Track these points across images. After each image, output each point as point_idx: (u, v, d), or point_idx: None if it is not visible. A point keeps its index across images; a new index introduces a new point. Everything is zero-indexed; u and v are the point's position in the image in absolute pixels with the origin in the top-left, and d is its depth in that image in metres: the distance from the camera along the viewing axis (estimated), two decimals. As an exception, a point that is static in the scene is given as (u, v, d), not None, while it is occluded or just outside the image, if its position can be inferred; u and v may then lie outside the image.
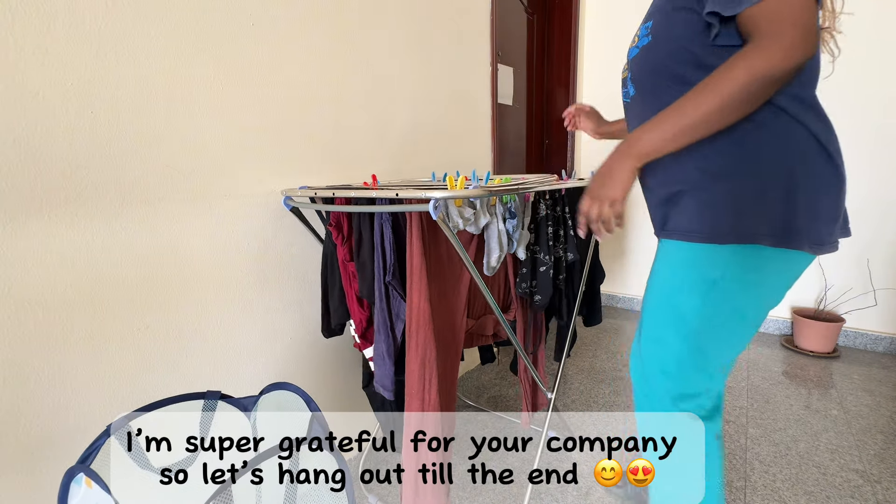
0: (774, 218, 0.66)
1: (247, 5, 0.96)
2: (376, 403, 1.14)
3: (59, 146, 0.72)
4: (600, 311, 1.40)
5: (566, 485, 1.26)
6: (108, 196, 0.78)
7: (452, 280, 0.99)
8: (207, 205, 0.93)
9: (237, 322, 1.01)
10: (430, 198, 0.71)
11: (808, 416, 1.57)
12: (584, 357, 2.10)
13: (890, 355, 2.05)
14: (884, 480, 1.24)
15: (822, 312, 2.11)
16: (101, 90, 0.76)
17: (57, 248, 0.73)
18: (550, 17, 2.54)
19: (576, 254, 1.18)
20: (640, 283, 2.74)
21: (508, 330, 0.98)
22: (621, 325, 2.52)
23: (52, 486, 0.76)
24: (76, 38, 0.73)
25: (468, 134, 1.75)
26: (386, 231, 0.88)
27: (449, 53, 1.59)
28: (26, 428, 0.72)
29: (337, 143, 1.19)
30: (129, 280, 0.82)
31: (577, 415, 1.61)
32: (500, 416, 1.61)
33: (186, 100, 0.87)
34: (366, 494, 1.23)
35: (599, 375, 1.91)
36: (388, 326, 0.93)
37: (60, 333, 0.75)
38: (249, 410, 0.76)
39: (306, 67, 1.09)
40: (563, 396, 1.73)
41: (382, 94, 1.32)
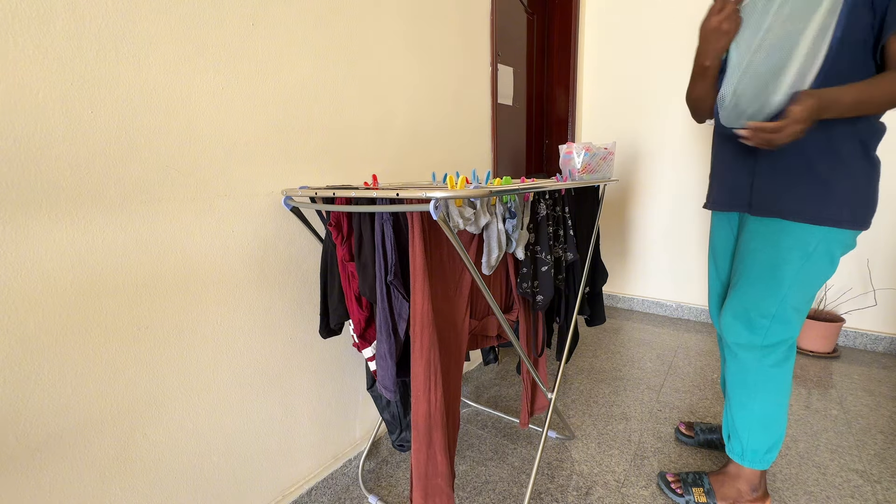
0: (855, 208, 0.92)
1: (247, 5, 0.96)
2: (382, 404, 1.14)
3: (59, 146, 0.72)
4: (603, 312, 1.40)
5: (566, 485, 1.26)
6: (108, 196, 0.78)
7: (454, 281, 0.99)
8: (207, 205, 0.93)
9: (237, 322, 1.01)
10: (431, 198, 0.71)
11: (808, 415, 1.57)
12: (585, 357, 2.10)
13: (890, 355, 2.05)
14: (884, 480, 1.24)
15: (822, 312, 2.11)
16: (101, 90, 0.76)
17: (57, 248, 0.73)
18: (550, 17, 2.54)
19: (575, 254, 1.18)
20: (640, 283, 2.75)
21: (509, 330, 0.98)
22: (621, 325, 2.52)
23: (52, 485, 0.76)
24: (76, 38, 0.72)
25: (468, 134, 1.75)
26: (387, 231, 0.88)
27: (449, 53, 1.59)
28: (26, 428, 0.72)
29: (337, 144, 1.19)
30: (130, 280, 0.82)
31: (578, 415, 1.61)
32: (500, 416, 1.61)
33: (186, 100, 0.87)
34: (366, 494, 1.23)
35: (599, 375, 1.91)
36: (389, 326, 0.92)
37: (60, 333, 0.75)
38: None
39: (306, 67, 1.09)
40: (563, 396, 1.74)
41: (382, 94, 1.32)
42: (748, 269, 1.03)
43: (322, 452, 1.27)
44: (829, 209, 0.91)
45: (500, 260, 1.03)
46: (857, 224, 0.91)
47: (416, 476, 0.91)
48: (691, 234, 2.50)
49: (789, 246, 0.96)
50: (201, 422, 0.97)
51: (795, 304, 0.99)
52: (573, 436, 1.48)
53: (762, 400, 1.06)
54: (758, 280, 1.01)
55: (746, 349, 1.06)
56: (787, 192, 0.95)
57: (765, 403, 1.06)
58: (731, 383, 1.12)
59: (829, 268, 0.96)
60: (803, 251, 0.95)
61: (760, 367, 1.05)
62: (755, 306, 1.02)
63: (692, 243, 2.51)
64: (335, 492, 1.25)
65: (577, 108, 2.61)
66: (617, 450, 1.40)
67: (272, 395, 1.11)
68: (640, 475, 1.29)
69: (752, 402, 1.08)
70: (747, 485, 1.12)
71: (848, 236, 0.93)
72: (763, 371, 1.05)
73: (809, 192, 0.92)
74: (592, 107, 2.69)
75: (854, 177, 0.90)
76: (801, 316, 1.01)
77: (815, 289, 0.99)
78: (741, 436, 1.10)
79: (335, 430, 1.31)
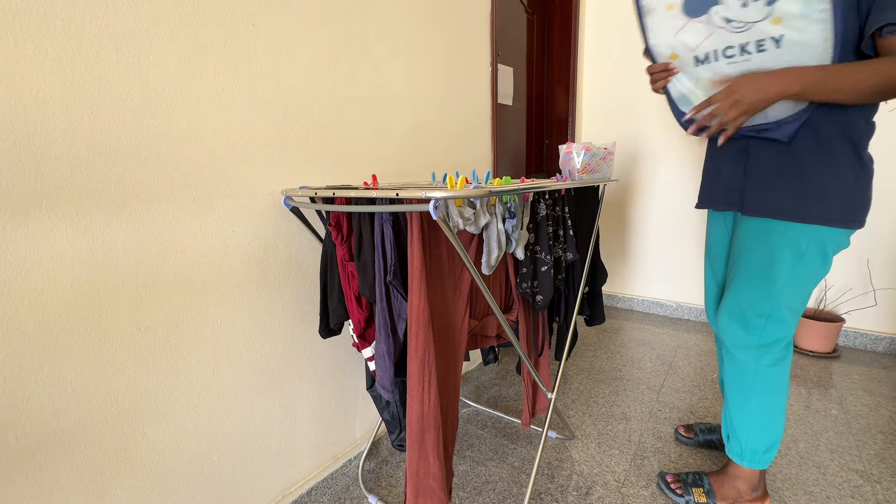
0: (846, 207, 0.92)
1: (247, 6, 0.96)
2: (381, 404, 1.14)
3: (59, 146, 0.72)
4: (603, 312, 1.40)
5: (566, 485, 1.26)
6: (108, 196, 0.78)
7: (453, 281, 0.99)
8: (207, 205, 0.93)
9: (237, 322, 1.01)
10: (431, 198, 0.71)
11: (807, 415, 1.57)
12: (585, 357, 2.10)
13: (890, 355, 2.05)
14: (884, 480, 1.24)
15: (822, 312, 2.11)
16: (101, 90, 0.76)
17: (57, 249, 0.73)
18: (550, 17, 2.54)
19: (575, 254, 1.18)
20: (640, 283, 2.75)
21: (509, 330, 0.98)
22: (621, 325, 2.52)
23: (52, 485, 0.76)
24: (76, 38, 0.73)
25: (468, 134, 1.75)
26: (387, 231, 0.88)
27: (449, 53, 1.59)
28: (26, 428, 0.72)
29: (337, 143, 1.19)
30: (129, 280, 0.82)
31: (578, 415, 1.61)
32: (500, 416, 1.61)
33: (187, 100, 0.87)
34: (366, 494, 1.23)
35: (599, 375, 1.91)
36: (388, 326, 0.92)
37: (60, 333, 0.75)
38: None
39: (306, 67, 1.09)
40: (563, 396, 1.74)
41: (382, 93, 1.32)
42: (742, 268, 1.04)
43: (322, 452, 1.27)
44: (820, 208, 0.91)
45: (500, 260, 1.03)
46: (848, 223, 0.91)
47: (409, 475, 0.92)
48: (691, 234, 2.50)
49: (781, 245, 0.96)
50: (201, 422, 0.97)
51: (790, 304, 0.99)
52: (573, 436, 1.48)
53: (760, 399, 1.06)
54: (752, 280, 1.01)
55: (743, 349, 1.06)
56: (778, 192, 0.95)
57: (762, 403, 1.06)
58: (728, 383, 1.12)
59: (823, 267, 0.96)
60: (795, 250, 0.95)
61: (758, 366, 1.05)
62: (750, 306, 1.02)
63: (692, 243, 2.51)
64: (335, 492, 1.25)
65: (577, 108, 2.61)
66: (617, 450, 1.40)
67: (272, 395, 1.11)
68: (640, 475, 1.29)
69: (749, 402, 1.08)
70: (747, 485, 1.12)
71: (840, 235, 0.93)
72: (760, 371, 1.05)
73: (799, 191, 0.92)
74: (592, 107, 2.69)
75: (844, 175, 0.90)
76: (797, 315, 1.01)
77: (810, 288, 0.99)
78: (740, 435, 1.10)
79: (335, 430, 1.31)
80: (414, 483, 0.91)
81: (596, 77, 2.65)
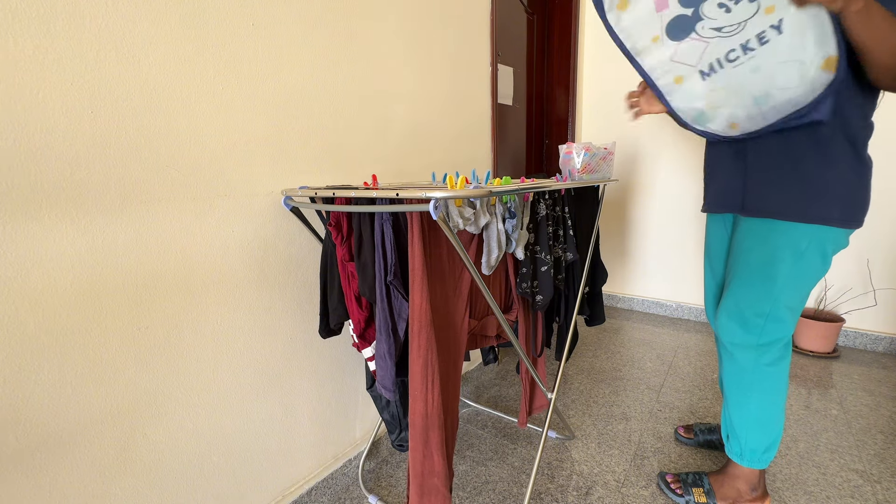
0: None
1: (247, 5, 0.96)
2: (381, 404, 1.14)
3: (59, 146, 0.72)
4: (603, 312, 1.40)
5: (566, 485, 1.26)
6: (108, 196, 0.78)
7: (453, 280, 0.99)
8: (207, 205, 0.93)
9: (237, 322, 1.01)
10: (431, 198, 0.71)
11: (807, 415, 1.57)
12: (584, 357, 2.10)
13: (890, 355, 2.05)
14: (884, 480, 1.24)
15: (822, 312, 2.11)
16: (101, 90, 0.76)
17: (57, 249, 0.73)
18: (550, 17, 2.54)
19: (575, 254, 1.18)
20: (640, 283, 2.75)
21: (508, 330, 0.98)
22: (621, 325, 2.52)
23: (52, 485, 0.76)
24: (76, 38, 0.73)
25: (468, 134, 1.75)
26: (387, 231, 0.88)
27: (449, 53, 1.59)
28: (26, 428, 0.72)
29: (337, 143, 1.19)
30: (129, 280, 0.82)
31: (578, 415, 1.61)
32: (500, 416, 1.61)
33: (186, 100, 0.87)
34: (366, 494, 1.23)
35: (599, 375, 1.91)
36: (389, 326, 0.92)
37: (60, 333, 0.75)
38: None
39: (306, 67, 1.09)
40: (563, 396, 1.74)
41: (382, 93, 1.32)
42: (741, 268, 1.04)
43: (322, 452, 1.27)
44: (818, 207, 0.91)
45: (500, 260, 1.03)
46: (846, 222, 0.92)
47: (412, 475, 0.92)
48: (691, 233, 2.50)
49: (781, 245, 0.96)
50: (201, 422, 0.97)
51: (789, 303, 0.99)
52: (573, 436, 1.48)
53: (759, 399, 1.07)
54: (751, 279, 1.01)
55: (742, 349, 1.06)
56: (777, 192, 0.95)
57: (761, 402, 1.07)
58: (727, 383, 1.13)
59: (822, 266, 0.96)
60: (795, 250, 0.95)
61: (757, 366, 1.05)
62: (749, 306, 1.03)
63: (692, 243, 2.51)
64: (335, 492, 1.25)
65: (577, 108, 2.61)
66: (617, 450, 1.40)
67: (272, 395, 1.11)
68: (640, 475, 1.29)
69: (748, 402, 1.08)
70: (746, 484, 1.12)
71: (839, 234, 0.94)
72: (759, 370, 1.05)
73: (798, 191, 0.93)
74: (592, 107, 2.69)
75: (843, 175, 0.90)
76: (796, 314, 1.02)
77: (809, 287, 0.99)
78: (739, 435, 1.10)
79: (335, 430, 1.31)
80: (418, 482, 0.91)
81: (596, 77, 2.65)
